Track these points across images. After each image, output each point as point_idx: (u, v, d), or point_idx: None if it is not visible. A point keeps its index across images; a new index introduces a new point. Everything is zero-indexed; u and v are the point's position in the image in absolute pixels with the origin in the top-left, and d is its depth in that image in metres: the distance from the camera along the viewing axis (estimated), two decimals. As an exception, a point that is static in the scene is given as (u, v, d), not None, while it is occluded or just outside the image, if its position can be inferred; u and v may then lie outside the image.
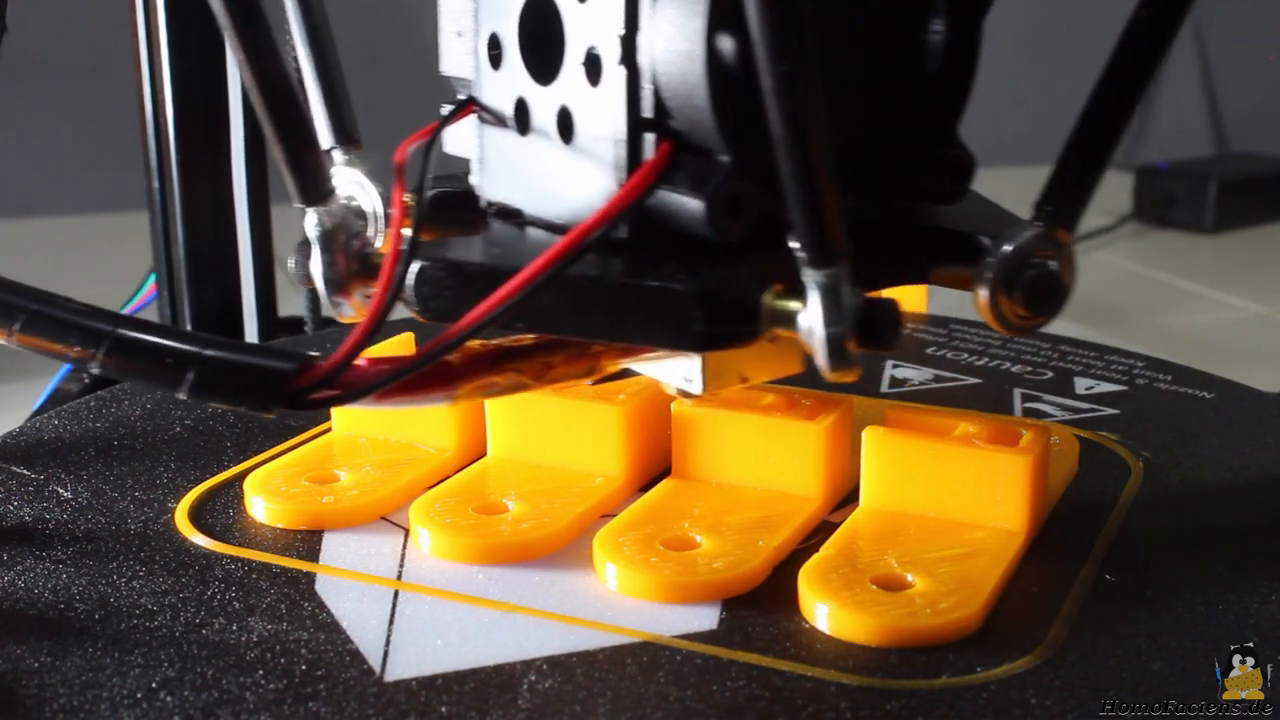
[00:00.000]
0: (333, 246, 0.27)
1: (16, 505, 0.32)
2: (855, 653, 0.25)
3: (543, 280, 0.24)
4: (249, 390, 0.24)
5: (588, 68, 0.26)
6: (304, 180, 0.26)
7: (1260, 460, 0.34)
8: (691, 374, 0.27)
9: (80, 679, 0.24)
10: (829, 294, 0.23)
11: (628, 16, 0.25)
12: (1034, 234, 0.26)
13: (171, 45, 0.52)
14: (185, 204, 0.54)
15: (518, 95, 0.28)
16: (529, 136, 0.28)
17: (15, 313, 0.25)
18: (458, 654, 0.25)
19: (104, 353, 0.24)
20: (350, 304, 0.27)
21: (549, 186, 0.28)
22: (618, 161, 0.26)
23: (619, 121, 0.26)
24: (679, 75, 0.25)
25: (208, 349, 0.24)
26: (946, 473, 0.29)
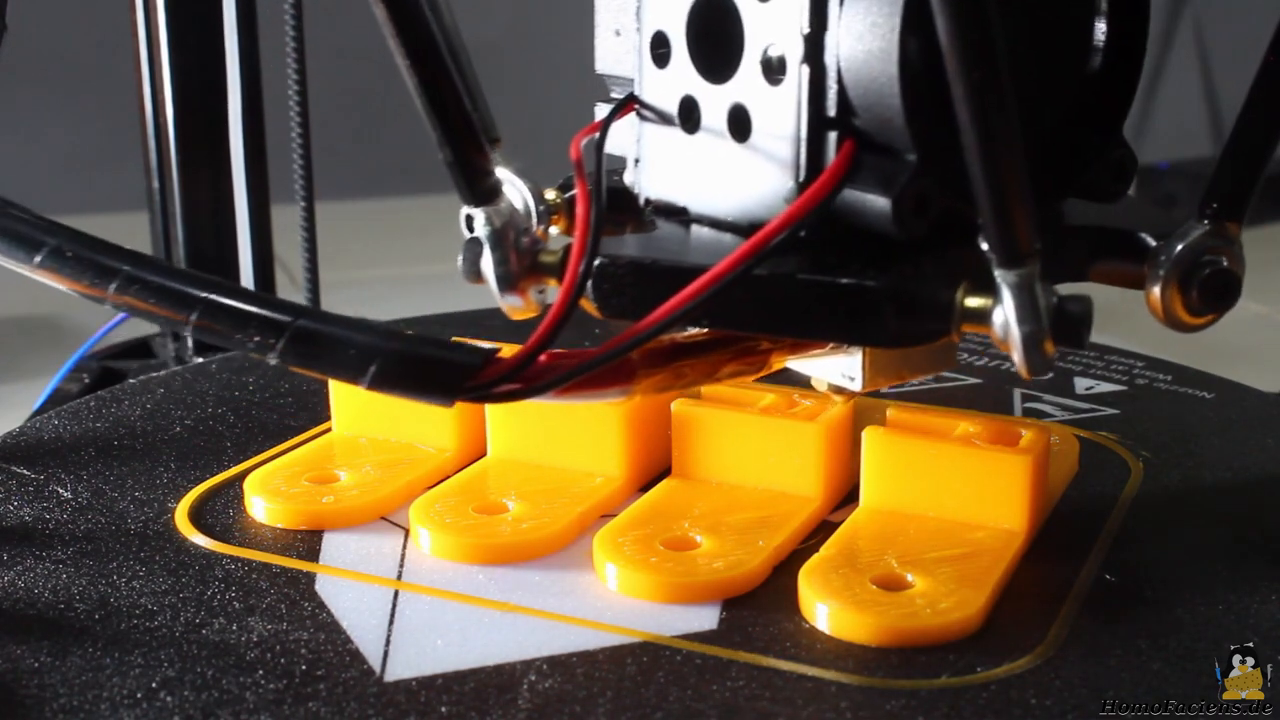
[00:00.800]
0: (504, 244, 0.27)
1: (16, 505, 0.32)
2: (855, 653, 0.25)
3: (732, 278, 0.24)
4: (433, 383, 0.24)
5: (766, 66, 0.26)
6: (472, 180, 0.26)
7: (1260, 460, 0.34)
8: (853, 371, 0.28)
9: (80, 679, 0.24)
10: (1022, 293, 0.23)
11: (814, 15, 0.25)
12: (1204, 231, 0.26)
13: (171, 45, 0.52)
14: (185, 204, 0.54)
15: (685, 93, 0.28)
16: (698, 134, 0.28)
17: (194, 304, 0.25)
18: (458, 654, 0.25)
19: (285, 343, 0.24)
20: (523, 299, 0.28)
21: (720, 185, 0.28)
22: (799, 160, 0.26)
23: (801, 120, 0.26)
24: (868, 74, 0.25)
25: (391, 341, 0.24)
26: (946, 473, 0.29)
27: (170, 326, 0.25)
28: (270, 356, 0.24)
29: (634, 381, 0.26)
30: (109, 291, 0.25)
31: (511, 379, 0.24)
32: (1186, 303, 0.26)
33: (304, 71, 0.54)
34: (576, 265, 0.25)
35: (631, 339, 0.24)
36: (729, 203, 0.28)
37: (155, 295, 0.25)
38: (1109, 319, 0.82)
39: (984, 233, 0.23)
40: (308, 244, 0.56)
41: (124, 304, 0.25)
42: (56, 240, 0.26)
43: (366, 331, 0.24)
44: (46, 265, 0.26)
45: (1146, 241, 0.27)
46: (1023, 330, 0.23)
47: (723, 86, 0.28)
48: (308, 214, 0.55)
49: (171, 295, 0.25)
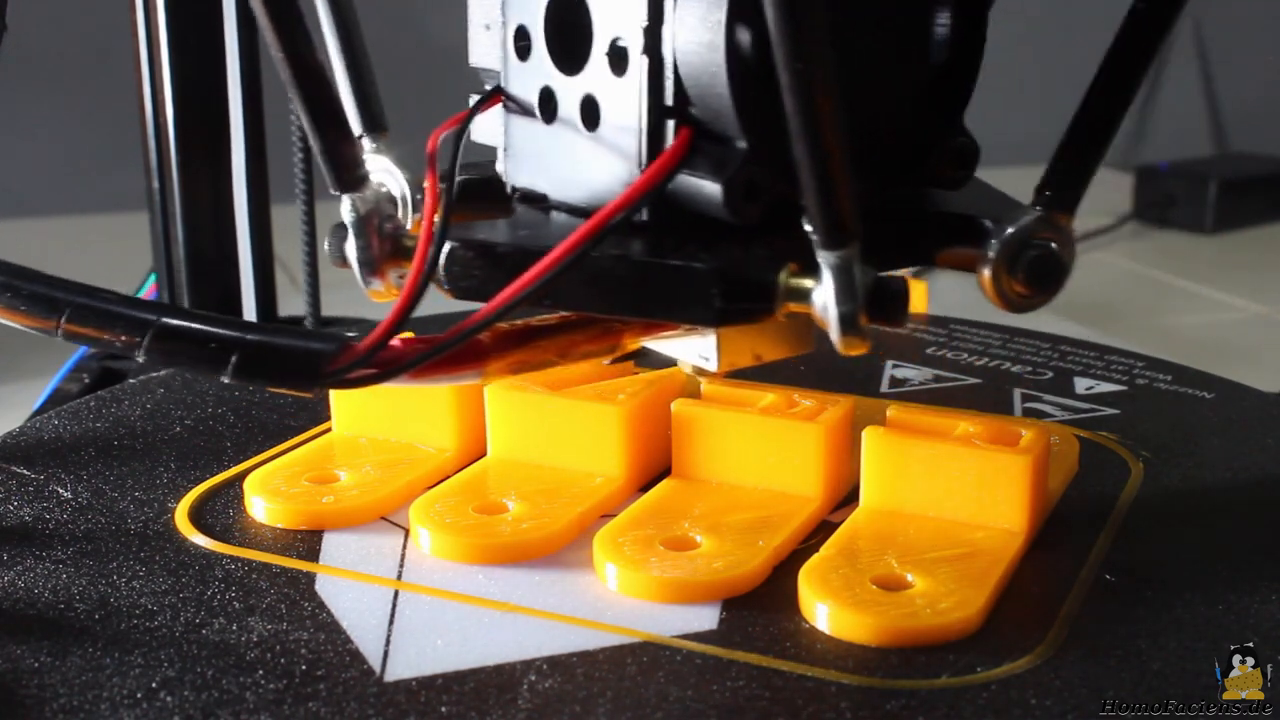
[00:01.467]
0: (367, 230, 0.28)
1: (16, 505, 0.32)
2: (855, 653, 0.25)
3: (571, 260, 0.25)
4: (290, 371, 0.25)
5: (612, 58, 0.27)
6: (339, 166, 0.27)
7: (1260, 460, 0.34)
8: (707, 352, 0.28)
9: (80, 679, 0.24)
10: (842, 273, 0.24)
11: (651, 8, 0.26)
12: (1035, 217, 0.27)
13: (171, 45, 0.52)
14: (185, 204, 0.54)
15: (544, 85, 0.29)
16: (555, 124, 0.29)
17: (62, 305, 0.26)
18: (458, 654, 0.25)
19: (149, 340, 0.25)
20: (384, 284, 0.28)
21: (574, 172, 0.29)
22: (640, 148, 0.27)
23: (642, 109, 0.27)
24: (700, 65, 0.26)
25: (250, 333, 0.25)
26: (946, 473, 0.29)
27: (40, 332, 0.26)
28: (137, 354, 0.25)
29: (485, 363, 0.27)
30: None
31: (365, 364, 0.25)
32: (1013, 284, 0.27)
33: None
34: (424, 248, 0.26)
35: (477, 322, 0.25)
36: (582, 190, 0.29)
37: (25, 302, 0.26)
38: (1109, 319, 0.82)
39: (807, 215, 0.24)
40: (308, 244, 0.56)
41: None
42: None
43: (226, 325, 0.25)
44: None
45: (986, 226, 0.27)
46: (839, 309, 0.24)
47: (576, 78, 0.28)
48: (308, 214, 0.55)
49: (39, 300, 0.26)
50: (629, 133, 0.27)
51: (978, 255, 0.27)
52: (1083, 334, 0.49)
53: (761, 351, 0.29)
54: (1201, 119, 1.30)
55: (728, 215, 0.26)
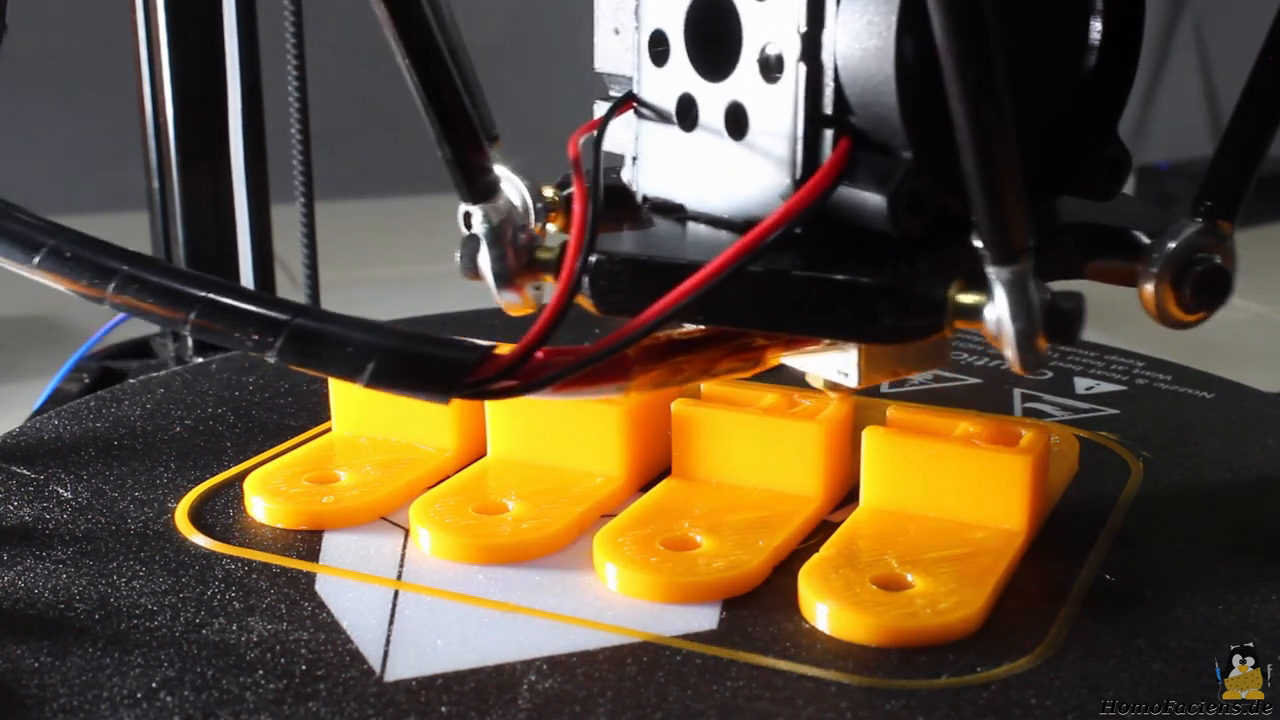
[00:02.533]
0: (501, 241, 0.27)
1: (16, 505, 0.32)
2: (855, 653, 0.25)
3: (728, 274, 0.24)
4: (430, 380, 0.24)
5: (764, 64, 0.27)
6: (470, 178, 0.26)
7: (1260, 460, 0.34)
8: (847, 367, 0.28)
9: (80, 679, 0.24)
10: (1015, 289, 0.23)
11: (811, 13, 0.26)
12: (1197, 229, 0.26)
13: (171, 45, 0.52)
14: (185, 204, 0.54)
15: (683, 91, 0.29)
16: (695, 132, 0.28)
17: (192, 302, 0.25)
18: (458, 654, 0.25)
19: (283, 341, 0.24)
20: (521, 297, 0.28)
21: (716, 182, 0.28)
22: (794, 158, 0.26)
23: (798, 118, 0.26)
24: (865, 72, 0.25)
25: (389, 339, 0.24)
26: (946, 473, 0.29)
27: (169, 326, 0.26)
28: (269, 355, 0.24)
29: (630, 377, 0.26)
30: (108, 291, 0.25)
31: (508, 375, 0.24)
32: (1179, 300, 0.26)
33: (304, 71, 0.54)
34: (573, 261, 0.26)
35: (627, 335, 0.25)
36: (725, 200, 0.28)
37: (154, 295, 0.25)
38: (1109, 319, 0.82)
39: (978, 230, 0.23)
40: (308, 244, 0.56)
41: (123, 304, 0.25)
42: (55, 240, 0.26)
43: (364, 329, 0.24)
44: (45, 266, 0.26)
45: (1140, 239, 0.27)
46: (1016, 327, 0.23)
47: (720, 84, 0.28)
48: (308, 214, 0.55)
49: (170, 295, 0.25)
50: (781, 142, 0.26)
51: (1137, 270, 0.26)
52: (1083, 334, 0.49)
53: (903, 367, 0.28)
54: (1201, 119, 1.30)
55: (890, 228, 0.25)
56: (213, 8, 0.52)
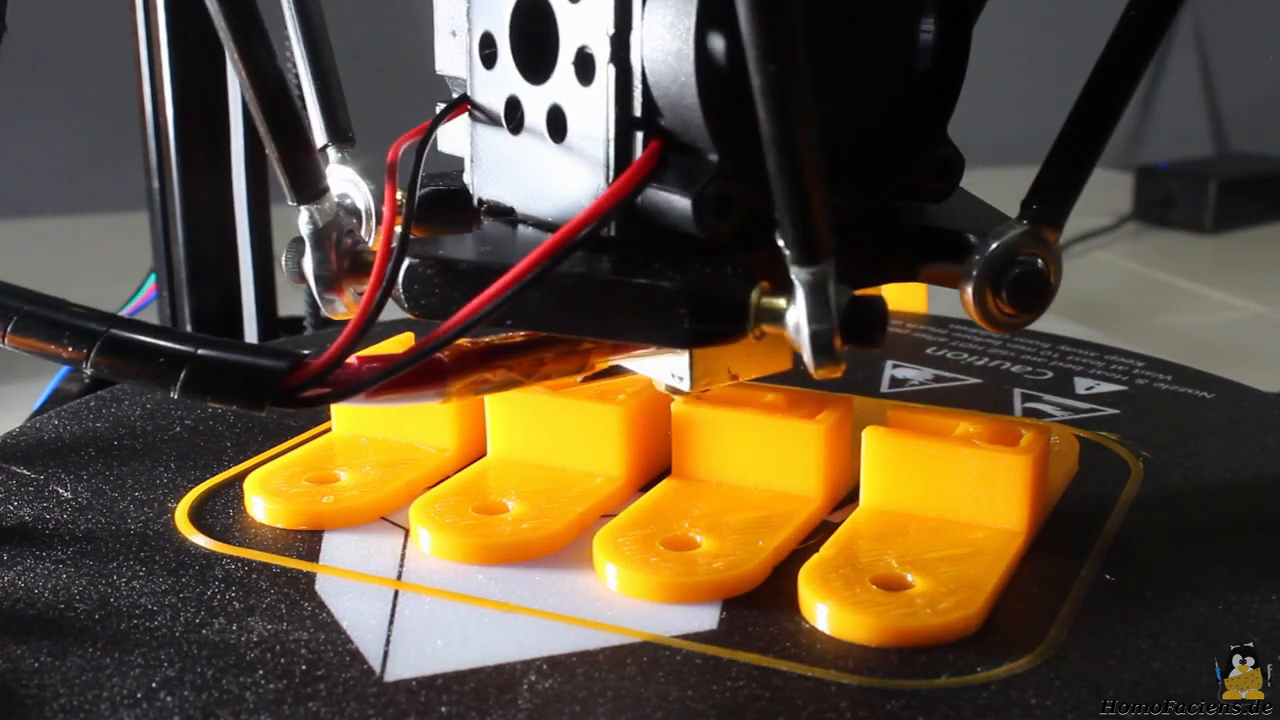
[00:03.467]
0: (325, 244, 0.27)
1: (16, 505, 0.32)
2: (855, 653, 0.25)
3: (531, 278, 0.24)
4: (240, 389, 0.24)
5: (579, 67, 0.27)
6: (297, 178, 0.26)
7: (1260, 460, 0.34)
8: (680, 370, 0.28)
9: (80, 679, 0.24)
10: (815, 291, 0.23)
11: (618, 15, 0.26)
12: (1020, 232, 0.26)
13: (171, 45, 0.52)
14: (185, 204, 0.54)
15: (510, 94, 0.29)
16: (521, 135, 0.28)
17: (8, 313, 0.25)
18: (458, 654, 0.25)
19: (96, 353, 0.24)
20: (342, 301, 0.28)
21: (540, 184, 0.28)
22: (607, 160, 0.26)
23: (609, 120, 0.26)
24: (669, 74, 0.25)
25: (199, 348, 0.24)
26: (946, 473, 0.29)
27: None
28: (85, 366, 0.25)
29: (446, 383, 0.26)
30: None
31: (318, 383, 0.24)
32: (996, 303, 0.26)
33: (304, 71, 0.54)
34: (382, 266, 0.25)
35: (434, 340, 0.24)
36: (549, 203, 0.28)
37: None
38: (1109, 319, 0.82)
39: (780, 230, 0.23)
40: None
41: None
42: None
43: (176, 339, 0.24)
44: None
45: (970, 240, 0.26)
46: (812, 329, 0.23)
47: (542, 87, 0.28)
48: (307, 214, 0.55)
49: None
50: (596, 144, 0.26)
51: (960, 271, 0.26)
52: (1083, 334, 0.49)
53: (737, 369, 0.28)
54: (1201, 119, 1.30)
55: (698, 231, 0.25)
56: (213, 8, 0.52)
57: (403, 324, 0.41)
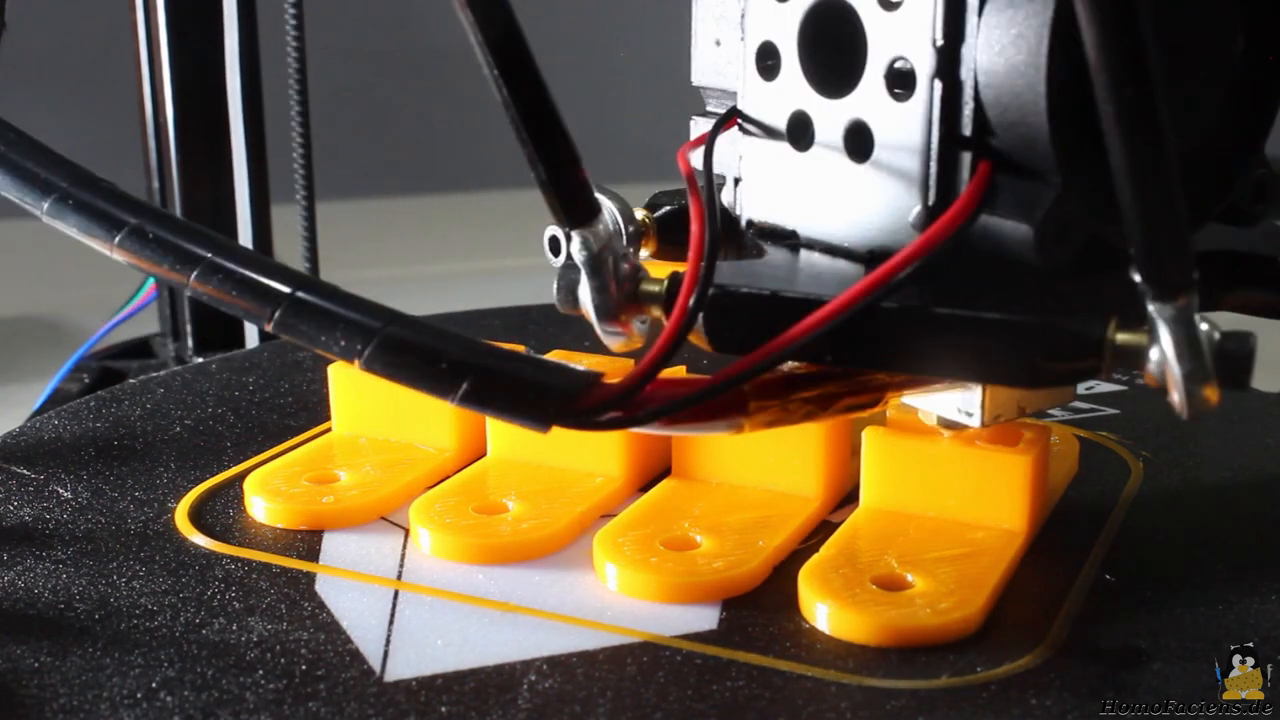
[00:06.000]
0: (602, 271, 0.25)
1: (16, 505, 0.32)
2: (855, 653, 0.25)
3: (860, 309, 0.23)
4: (531, 406, 0.23)
5: (893, 80, 0.25)
6: (568, 201, 0.24)
7: (1260, 460, 0.34)
8: (970, 406, 0.26)
9: (80, 679, 0.24)
10: (1180, 327, 0.21)
11: (948, 26, 0.24)
12: None
13: (171, 45, 0.52)
14: (185, 204, 0.54)
15: (796, 108, 0.27)
16: (810, 152, 0.27)
17: (278, 299, 0.23)
18: (458, 654, 0.25)
19: (371, 349, 0.23)
20: (625, 332, 0.26)
21: (834, 206, 0.26)
22: (925, 183, 0.24)
23: (932, 139, 0.24)
24: (1010, 90, 0.23)
25: (485, 358, 0.23)
26: (946, 473, 0.29)
27: (250, 320, 0.24)
28: (356, 363, 0.23)
29: (746, 414, 0.24)
30: (190, 279, 0.24)
31: (616, 406, 0.23)
32: None
33: (304, 71, 0.54)
34: (689, 294, 0.24)
35: (746, 369, 0.23)
36: (845, 227, 0.26)
37: (238, 289, 0.24)
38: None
39: (1136, 263, 0.21)
40: (308, 244, 0.56)
41: (205, 293, 0.24)
42: (139, 220, 0.24)
43: (459, 345, 0.23)
44: (126, 246, 0.24)
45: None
46: (1183, 369, 0.21)
47: (839, 101, 0.26)
48: (308, 214, 0.55)
49: (255, 290, 0.24)
50: (912, 165, 0.24)
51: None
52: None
53: (1026, 403, 0.27)
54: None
55: (1036, 259, 0.23)
56: (213, 8, 0.52)
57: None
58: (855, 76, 0.26)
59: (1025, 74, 0.23)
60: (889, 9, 0.25)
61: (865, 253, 0.26)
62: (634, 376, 0.23)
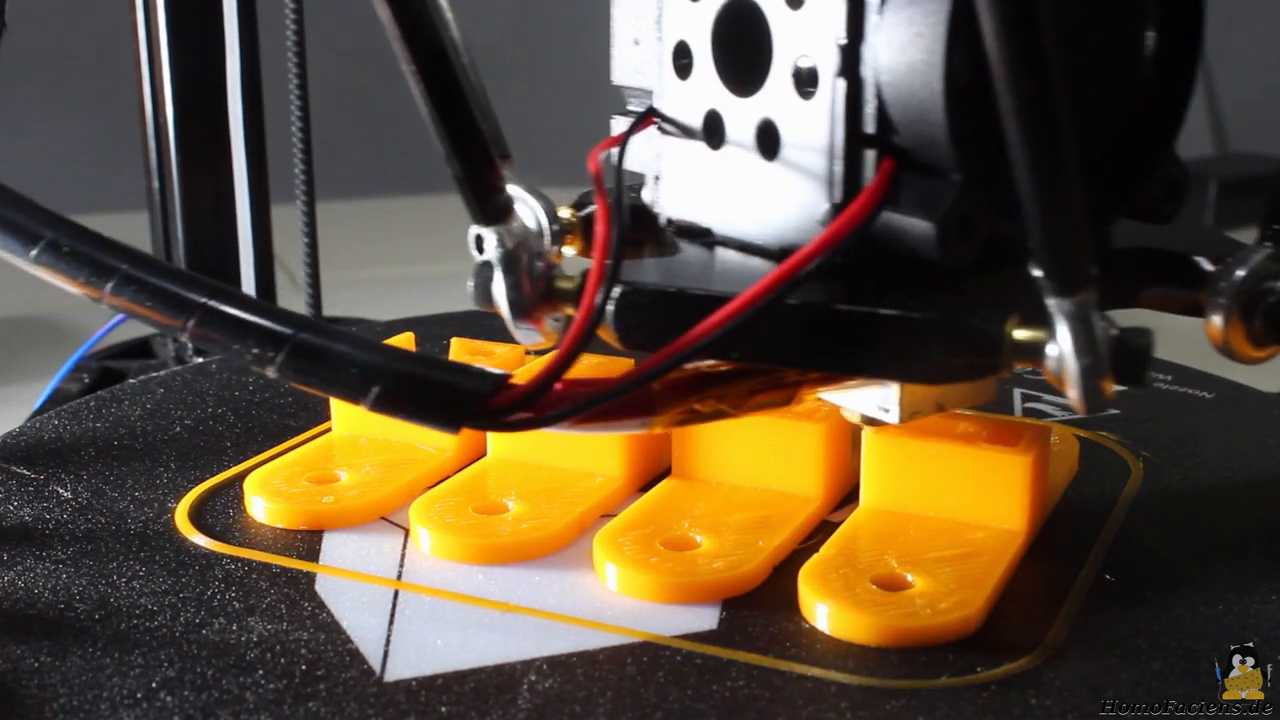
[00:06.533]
0: (516, 268, 0.25)
1: (16, 505, 0.32)
2: (855, 653, 0.25)
3: (763, 306, 0.23)
4: (440, 408, 0.23)
5: (798, 79, 0.25)
6: (483, 199, 0.25)
7: (1260, 460, 0.34)
8: (888, 403, 0.26)
9: (80, 679, 0.24)
10: (1079, 323, 0.22)
11: (850, 24, 0.24)
12: (1266, 255, 0.24)
13: (171, 45, 0.52)
14: (185, 204, 0.54)
15: (709, 107, 0.27)
16: (722, 151, 0.27)
17: (191, 308, 0.24)
18: (458, 654, 0.25)
19: (284, 357, 0.23)
20: (539, 330, 0.26)
21: (747, 204, 0.27)
22: (830, 180, 0.25)
23: (836, 137, 0.24)
24: (909, 88, 0.23)
25: (397, 362, 0.23)
26: (946, 473, 0.29)
27: (166, 331, 0.25)
28: (269, 369, 0.23)
29: (654, 413, 0.24)
30: (105, 291, 0.24)
31: (523, 407, 0.23)
32: (1250, 333, 0.24)
33: (304, 71, 0.54)
34: (593, 291, 0.24)
35: (652, 368, 0.23)
36: (757, 224, 0.27)
37: (151, 298, 0.24)
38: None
39: (1036, 258, 0.22)
40: (308, 244, 0.56)
41: (120, 305, 0.24)
42: (54, 234, 0.25)
43: (370, 350, 0.23)
44: (43, 260, 0.25)
45: (1202, 266, 0.25)
46: (1081, 363, 0.22)
47: (750, 100, 0.26)
48: (308, 214, 0.55)
49: (169, 299, 0.24)
50: (819, 163, 0.25)
51: (1204, 300, 0.24)
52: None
53: (944, 400, 0.27)
54: (1201, 119, 1.30)
55: (938, 256, 0.23)
56: (213, 8, 0.52)
57: (404, 324, 0.41)
58: (763, 75, 0.26)
59: (923, 72, 0.23)
60: (794, 7, 0.25)
61: (777, 250, 0.26)
62: (541, 376, 0.23)
